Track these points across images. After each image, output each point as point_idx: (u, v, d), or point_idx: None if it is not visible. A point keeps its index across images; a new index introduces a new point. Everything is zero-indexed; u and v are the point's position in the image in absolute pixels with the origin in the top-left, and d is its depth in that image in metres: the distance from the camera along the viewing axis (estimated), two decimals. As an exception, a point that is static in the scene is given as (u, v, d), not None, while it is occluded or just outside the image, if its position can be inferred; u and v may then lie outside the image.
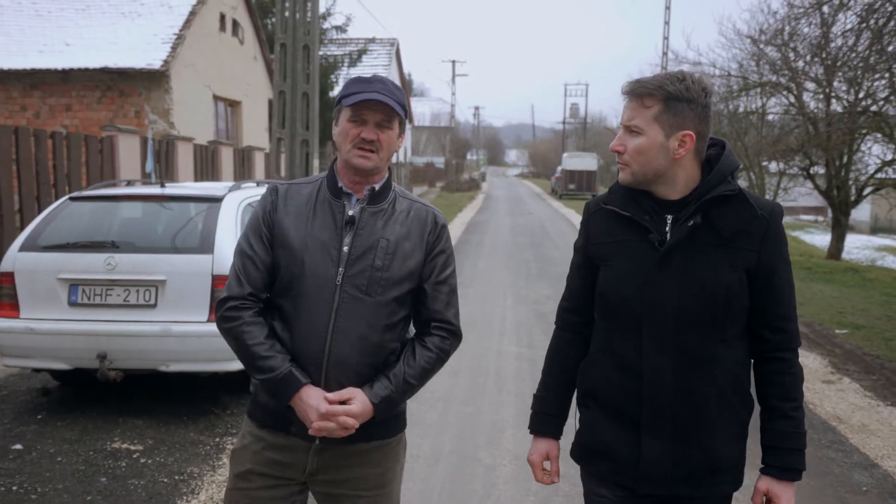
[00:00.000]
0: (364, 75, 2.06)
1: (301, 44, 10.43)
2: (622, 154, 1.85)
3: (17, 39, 16.84)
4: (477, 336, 7.52)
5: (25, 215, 7.83)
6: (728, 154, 1.85)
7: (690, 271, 1.81)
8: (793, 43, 14.12)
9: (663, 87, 1.78)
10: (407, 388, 2.03)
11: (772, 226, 1.81)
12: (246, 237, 2.07)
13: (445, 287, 2.12)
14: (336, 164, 2.10)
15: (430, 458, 4.38)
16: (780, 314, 1.84)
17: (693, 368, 1.82)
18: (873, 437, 4.93)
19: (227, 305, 2.00)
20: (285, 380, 1.93)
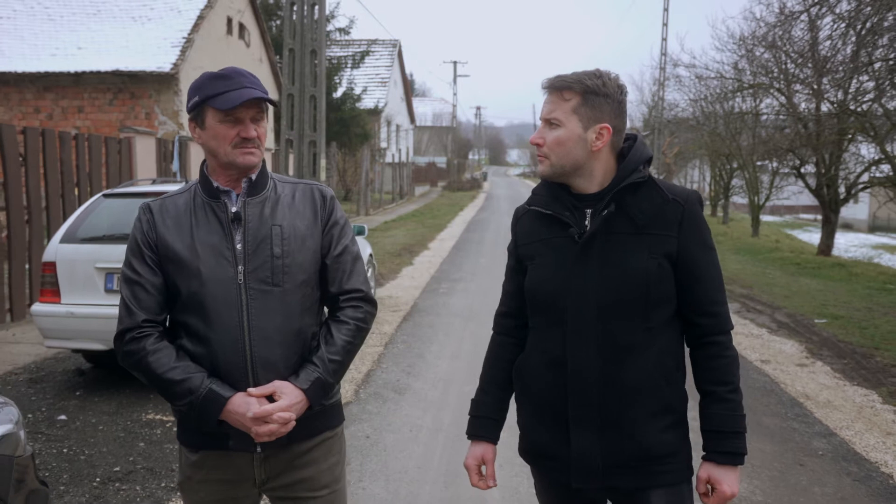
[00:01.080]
0: (219, 72, 1.94)
1: (309, 48, 10.90)
2: (541, 147, 1.88)
3: (31, 43, 17.33)
4: (476, 325, 8.01)
5: (51, 212, 8.33)
6: (639, 145, 1.88)
7: (609, 261, 1.82)
8: (785, 46, 14.55)
9: (582, 81, 1.82)
10: (334, 366, 1.96)
11: (687, 211, 1.82)
12: (128, 263, 1.95)
13: (346, 257, 2.05)
14: (206, 168, 2.00)
15: (432, 428, 4.86)
16: (708, 299, 1.83)
17: (616, 357, 1.81)
18: (836, 411, 5.41)
19: (125, 339, 1.90)
20: (208, 398, 1.84)
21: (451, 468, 4.20)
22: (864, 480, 4.19)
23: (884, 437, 4.88)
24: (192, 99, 1.93)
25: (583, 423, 1.85)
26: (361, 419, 4.99)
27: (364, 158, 24.34)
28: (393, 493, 3.88)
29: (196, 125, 1.95)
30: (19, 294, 7.73)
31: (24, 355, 6.38)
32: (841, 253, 20.36)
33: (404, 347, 7.00)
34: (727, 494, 1.80)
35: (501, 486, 3.95)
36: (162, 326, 1.94)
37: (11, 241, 7.65)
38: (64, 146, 8.54)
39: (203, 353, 1.90)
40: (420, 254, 14.46)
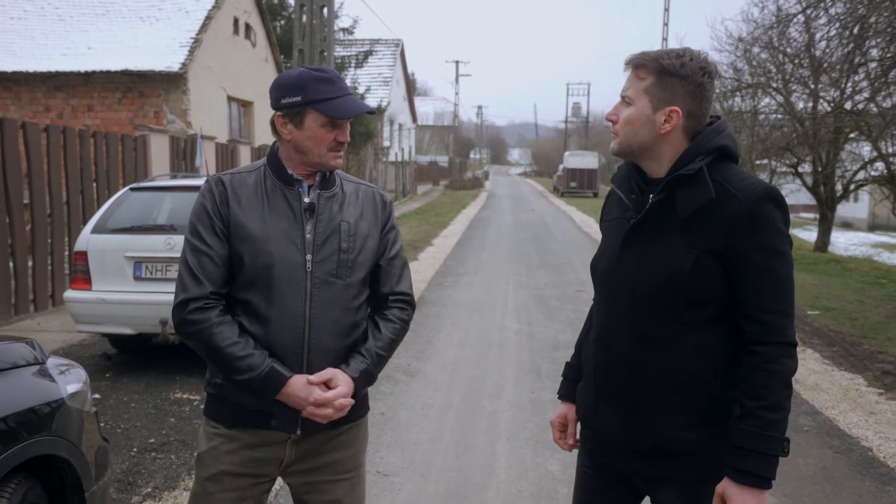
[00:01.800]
0: (320, 73, 1.98)
1: (318, 49, 11.22)
2: (615, 124, 1.84)
3: (42, 43, 17.65)
4: (480, 316, 8.33)
5: (72, 207, 8.66)
6: (707, 135, 1.78)
7: (650, 251, 1.79)
8: (781, 46, 14.85)
9: (659, 60, 1.76)
10: (379, 360, 2.06)
11: (747, 209, 1.69)
12: (196, 233, 1.96)
13: (398, 261, 2.16)
14: (279, 152, 2.05)
15: (442, 406, 5.18)
16: (756, 304, 1.70)
17: (646, 347, 1.80)
18: (823, 393, 5.72)
19: (190, 308, 1.91)
20: (269, 376, 1.89)
21: (462, 441, 4.52)
22: (845, 453, 4.50)
23: (866, 416, 5.19)
24: (292, 97, 1.95)
25: (609, 400, 1.88)
26: (376, 398, 5.30)
27: (368, 157, 24.65)
28: (408, 461, 4.20)
29: (289, 121, 1.98)
30: (42, 285, 8.05)
31: (52, 342, 6.70)
32: (841, 251, 20.66)
33: (413, 335, 7.32)
34: None
35: (509, 457, 4.28)
36: (224, 301, 1.96)
37: (35, 235, 7.97)
38: (83, 144, 8.86)
39: (260, 332, 1.94)
40: (424, 250, 14.78)
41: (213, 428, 2.05)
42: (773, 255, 1.71)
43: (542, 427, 4.74)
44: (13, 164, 7.46)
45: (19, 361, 2.47)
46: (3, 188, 7.34)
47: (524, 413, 5.05)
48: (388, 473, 4.03)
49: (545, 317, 8.31)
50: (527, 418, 4.95)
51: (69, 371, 2.73)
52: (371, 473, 4.02)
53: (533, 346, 6.94)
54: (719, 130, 1.79)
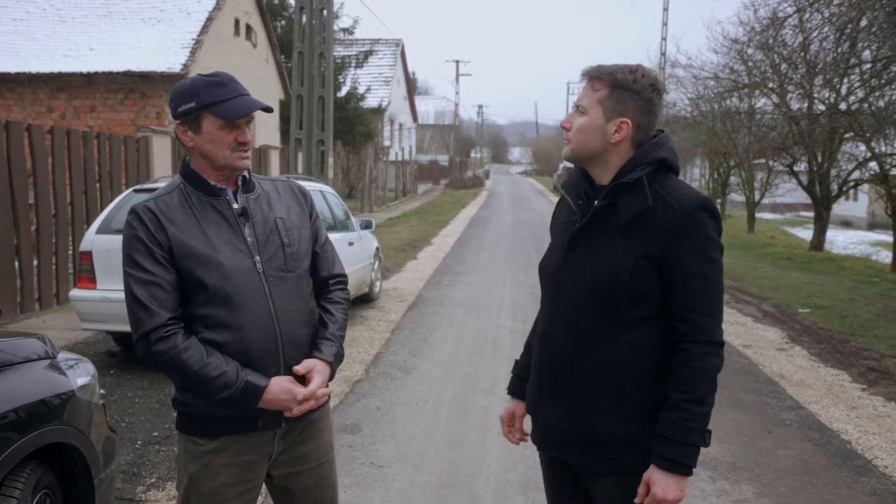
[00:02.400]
0: (212, 77, 2.02)
1: (317, 51, 11.39)
2: (567, 130, 1.94)
3: (44, 44, 17.81)
4: (476, 314, 8.49)
5: (76, 207, 8.82)
6: (649, 147, 1.88)
7: (592, 253, 1.90)
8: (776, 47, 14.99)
9: (614, 74, 1.86)
10: (342, 340, 2.20)
11: (681, 218, 1.80)
12: (136, 265, 1.96)
13: (329, 246, 2.29)
14: (192, 164, 2.07)
15: (436, 402, 5.34)
16: (686, 306, 1.82)
17: (586, 344, 1.89)
18: (807, 389, 5.88)
19: (152, 339, 1.92)
20: (246, 389, 1.94)
21: (455, 434, 4.68)
22: (825, 445, 4.66)
23: (848, 411, 5.35)
24: (187, 104, 1.99)
25: (551, 395, 1.98)
26: (372, 394, 5.47)
27: (368, 156, 24.81)
28: (402, 454, 4.36)
29: (188, 129, 2.01)
30: (47, 284, 8.21)
31: (57, 340, 6.83)
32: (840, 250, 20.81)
33: (410, 333, 7.49)
34: (657, 497, 1.80)
35: (500, 449, 4.44)
36: (182, 322, 1.97)
37: (40, 235, 8.13)
38: (87, 145, 9.02)
39: (233, 339, 1.97)
40: (423, 249, 14.94)
41: (198, 445, 2.06)
42: (705, 260, 1.82)
43: (533, 421, 4.90)
44: (18, 165, 7.63)
45: (31, 356, 2.64)
46: (9, 189, 7.51)
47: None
48: (382, 465, 4.19)
49: (540, 315, 8.44)
50: (518, 413, 5.09)
51: (78, 365, 2.90)
52: (366, 465, 4.18)
53: (527, 344, 7.08)
54: (660, 144, 1.90)
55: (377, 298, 9.26)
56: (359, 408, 5.17)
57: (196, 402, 2.02)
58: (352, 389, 5.57)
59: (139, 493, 3.87)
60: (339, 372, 5.95)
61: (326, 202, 7.80)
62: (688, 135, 24.90)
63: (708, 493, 3.91)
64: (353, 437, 4.59)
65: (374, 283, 9.11)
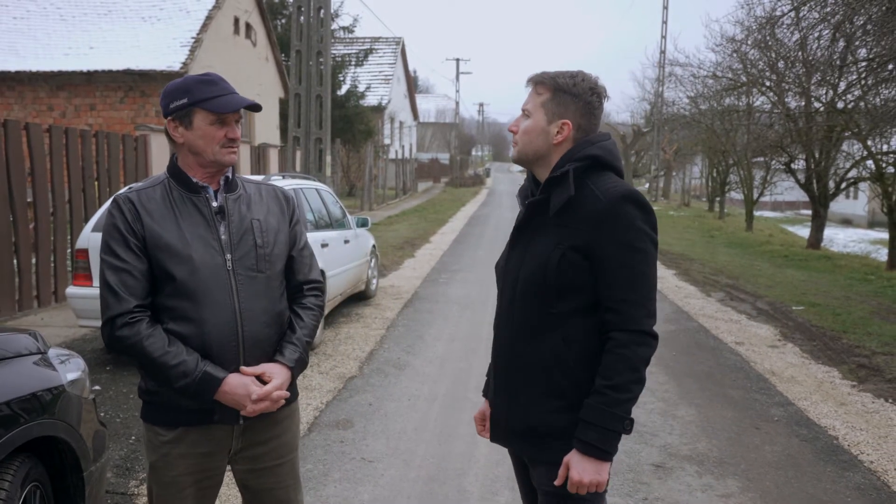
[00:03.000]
0: (203, 76, 2.10)
1: (315, 50, 11.43)
2: (514, 134, 2.05)
3: (44, 43, 17.86)
4: (472, 312, 8.53)
5: (74, 205, 8.88)
6: (581, 144, 1.96)
7: (529, 246, 2.00)
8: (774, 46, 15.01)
9: (555, 78, 1.97)
10: (307, 346, 2.22)
11: (608, 209, 1.87)
12: (111, 252, 2.03)
13: (307, 251, 2.33)
14: (178, 162, 2.13)
15: (428, 397, 5.39)
16: (613, 295, 1.87)
17: (523, 336, 1.98)
18: (797, 385, 5.93)
19: (118, 324, 1.99)
20: (204, 380, 1.99)
21: (445, 430, 4.73)
22: (811, 441, 4.71)
23: (836, 407, 5.40)
24: (179, 100, 2.06)
25: (498, 386, 2.08)
26: (365, 390, 5.52)
27: (368, 155, 24.85)
28: (393, 449, 4.41)
29: (179, 124, 2.08)
30: (45, 282, 8.27)
31: (55, 337, 6.92)
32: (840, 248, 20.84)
33: (405, 330, 7.54)
34: (574, 479, 1.86)
35: (489, 445, 4.48)
36: (150, 311, 2.03)
37: (38, 233, 8.19)
38: (85, 143, 9.07)
39: (194, 333, 2.02)
40: (422, 247, 14.99)
41: (158, 435, 2.13)
42: (630, 250, 1.87)
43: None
44: (17, 163, 7.68)
45: (23, 351, 2.68)
46: (7, 187, 7.56)
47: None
48: (372, 459, 4.25)
49: (535, 312, 8.48)
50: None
51: (69, 360, 2.94)
52: (356, 459, 4.24)
53: (521, 341, 7.13)
54: (593, 142, 1.98)
55: (374, 296, 9.31)
56: (351, 404, 5.22)
57: (158, 391, 2.09)
58: (345, 385, 5.63)
59: (132, 486, 3.92)
60: (333, 369, 6.06)
61: (322, 200, 7.85)
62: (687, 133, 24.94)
63: (694, 487, 3.96)
64: (344, 433, 4.65)
65: (370, 281, 9.16)
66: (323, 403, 5.18)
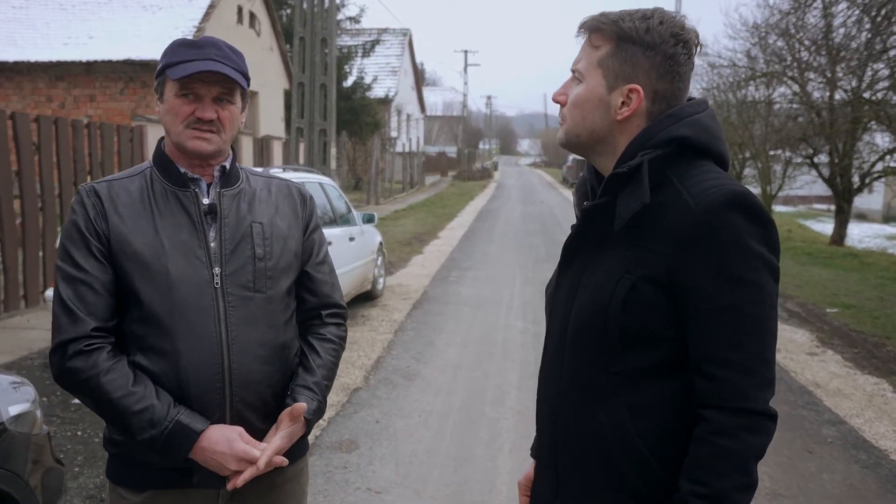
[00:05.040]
0: (191, 38, 1.67)
1: (319, 37, 10.92)
2: (563, 105, 1.42)
3: (43, 32, 17.44)
4: (485, 313, 8.03)
5: (64, 200, 8.40)
6: (661, 121, 1.34)
7: (585, 273, 1.39)
8: (798, 34, 14.44)
9: (618, 22, 1.34)
10: (326, 391, 1.74)
11: (702, 221, 1.24)
12: (67, 257, 1.57)
13: (328, 266, 1.85)
14: (165, 148, 1.70)
15: (442, 412, 4.89)
16: (710, 354, 1.25)
17: (573, 399, 1.39)
18: (846, 399, 5.40)
19: (70, 352, 1.52)
20: (176, 432, 1.52)
21: (461, 453, 4.23)
22: (873, 468, 4.19)
23: (894, 426, 4.87)
24: (158, 66, 1.68)
25: (543, 461, 1.49)
26: (371, 404, 5.03)
27: (374, 148, 24.37)
28: (403, 476, 3.91)
29: (158, 98, 1.68)
30: (33, 281, 7.81)
31: (39, 340, 6.46)
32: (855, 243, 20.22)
33: (414, 334, 7.04)
34: None
35: (511, 471, 3.99)
36: (113, 336, 1.58)
37: (25, 229, 7.72)
38: (77, 135, 8.60)
39: (167, 370, 1.57)
40: (430, 243, 14.49)
41: (122, 498, 1.66)
42: (737, 285, 1.23)
43: (547, 437, 4.45)
44: (2, 156, 7.21)
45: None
46: (-9, 181, 7.10)
47: (528, 422, 4.75)
48: (379, 490, 3.75)
49: (552, 314, 7.98)
50: (530, 427, 4.61)
51: (16, 389, 2.45)
52: (361, 490, 3.74)
53: (538, 347, 6.61)
54: (679, 116, 1.33)
55: (380, 296, 8.82)
56: (356, 420, 4.72)
57: (123, 442, 1.61)
58: (349, 399, 5.13)
59: (105, 523, 3.43)
60: (336, 378, 5.55)
61: (326, 195, 7.36)
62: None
63: (747, 526, 3.45)
64: (348, 457, 4.15)
65: (376, 280, 8.67)
66: (325, 421, 4.69)
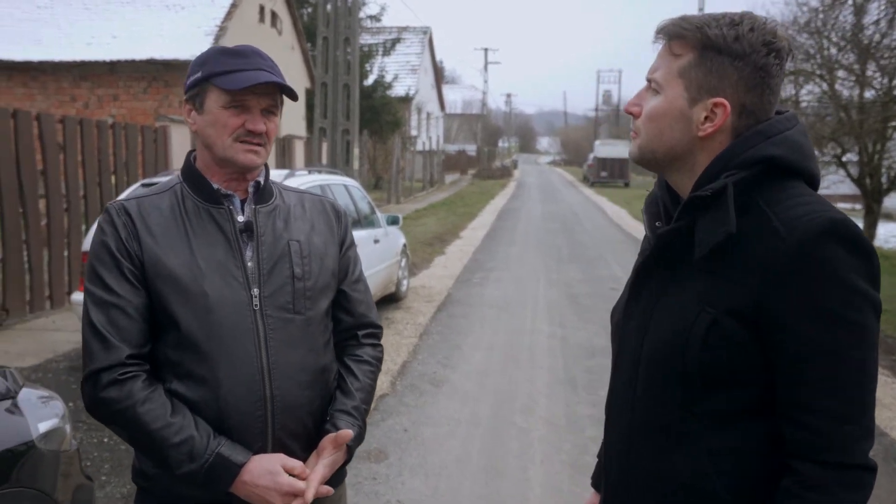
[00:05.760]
0: (233, 47, 1.60)
1: (342, 37, 10.87)
2: (636, 118, 1.31)
3: (67, 32, 17.55)
4: (509, 315, 7.93)
5: (89, 201, 8.41)
6: (747, 139, 1.22)
7: (658, 303, 1.29)
8: (826, 31, 14.17)
9: (703, 29, 1.22)
10: (366, 415, 1.70)
11: (797, 252, 1.12)
12: (98, 280, 1.50)
13: (362, 285, 1.80)
14: (196, 161, 1.63)
15: (470, 421, 4.80)
16: (802, 400, 1.13)
17: (646, 439, 1.29)
18: (885, 409, 5.24)
19: (104, 382, 1.45)
20: (215, 466, 1.46)
21: (491, 464, 4.14)
22: (919, 483, 4.05)
23: (937, 438, 4.72)
24: (194, 74, 1.58)
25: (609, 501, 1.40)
26: (399, 412, 4.95)
27: (395, 146, 24.33)
28: (433, 489, 3.83)
29: (193, 107, 1.59)
30: (58, 282, 7.82)
31: (64, 343, 6.46)
32: (881, 244, 19.86)
33: (439, 339, 6.96)
34: None
35: (543, 484, 3.89)
36: (148, 364, 1.52)
37: (51, 229, 7.73)
38: (101, 135, 8.60)
39: (206, 398, 1.50)
40: (452, 243, 14.40)
41: None
42: (836, 325, 1.11)
43: (580, 448, 4.35)
44: (27, 156, 7.22)
45: (-16, 396, 2.14)
46: (18, 181, 7.10)
47: (559, 431, 4.66)
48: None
49: (578, 318, 7.88)
50: (562, 437, 4.55)
51: (45, 404, 2.39)
52: (392, 503, 3.66)
53: (566, 352, 6.53)
54: (768, 134, 1.21)
55: (404, 298, 8.75)
56: (384, 429, 4.64)
57: (155, 476, 1.55)
58: (376, 406, 5.05)
59: (133, 534, 3.37)
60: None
61: (351, 197, 7.29)
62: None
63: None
64: (377, 467, 4.07)
65: (400, 282, 8.60)
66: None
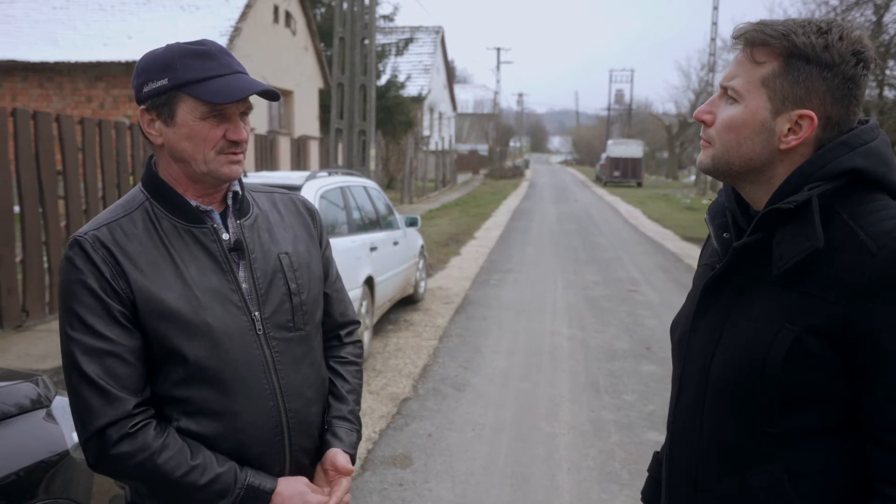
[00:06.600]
0: (195, 45, 1.41)
1: (359, 37, 10.84)
2: (708, 126, 1.24)
3: (83, 33, 17.64)
4: (528, 318, 7.88)
5: (108, 202, 8.42)
6: (831, 150, 1.16)
7: (732, 318, 1.23)
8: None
9: (790, 36, 1.15)
10: (359, 416, 1.70)
11: (887, 267, 1.07)
12: (83, 325, 1.35)
13: (340, 283, 1.74)
14: (160, 172, 1.46)
15: (494, 426, 4.76)
16: (886, 419, 1.09)
17: (718, 460, 1.24)
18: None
19: (114, 438, 1.34)
20: (247, 499, 1.42)
21: (517, 470, 4.10)
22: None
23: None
24: (156, 81, 1.38)
25: None
26: (422, 416, 4.91)
27: (408, 146, 24.30)
28: (460, 496, 3.79)
29: (157, 118, 1.40)
30: (78, 283, 7.83)
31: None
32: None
33: (459, 341, 6.91)
34: None
35: (571, 491, 3.84)
36: (153, 408, 1.41)
37: (70, 231, 7.75)
38: (120, 136, 8.62)
39: (222, 433, 1.42)
40: (467, 243, 14.36)
41: None
42: None
43: (606, 454, 4.30)
44: (47, 157, 7.23)
45: (21, 404, 2.11)
46: (38, 182, 7.12)
47: (585, 437, 4.60)
48: (437, 511, 3.63)
49: (598, 320, 7.82)
50: (588, 443, 4.50)
51: (78, 412, 2.37)
52: (419, 510, 3.63)
53: (587, 355, 6.47)
54: (853, 145, 1.15)
55: (422, 299, 8.71)
56: (408, 433, 4.60)
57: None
58: (399, 410, 5.02)
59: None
60: (384, 388, 5.45)
61: (370, 198, 7.26)
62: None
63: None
64: (403, 473, 4.03)
65: (418, 284, 8.57)
66: (376, 433, 4.58)
